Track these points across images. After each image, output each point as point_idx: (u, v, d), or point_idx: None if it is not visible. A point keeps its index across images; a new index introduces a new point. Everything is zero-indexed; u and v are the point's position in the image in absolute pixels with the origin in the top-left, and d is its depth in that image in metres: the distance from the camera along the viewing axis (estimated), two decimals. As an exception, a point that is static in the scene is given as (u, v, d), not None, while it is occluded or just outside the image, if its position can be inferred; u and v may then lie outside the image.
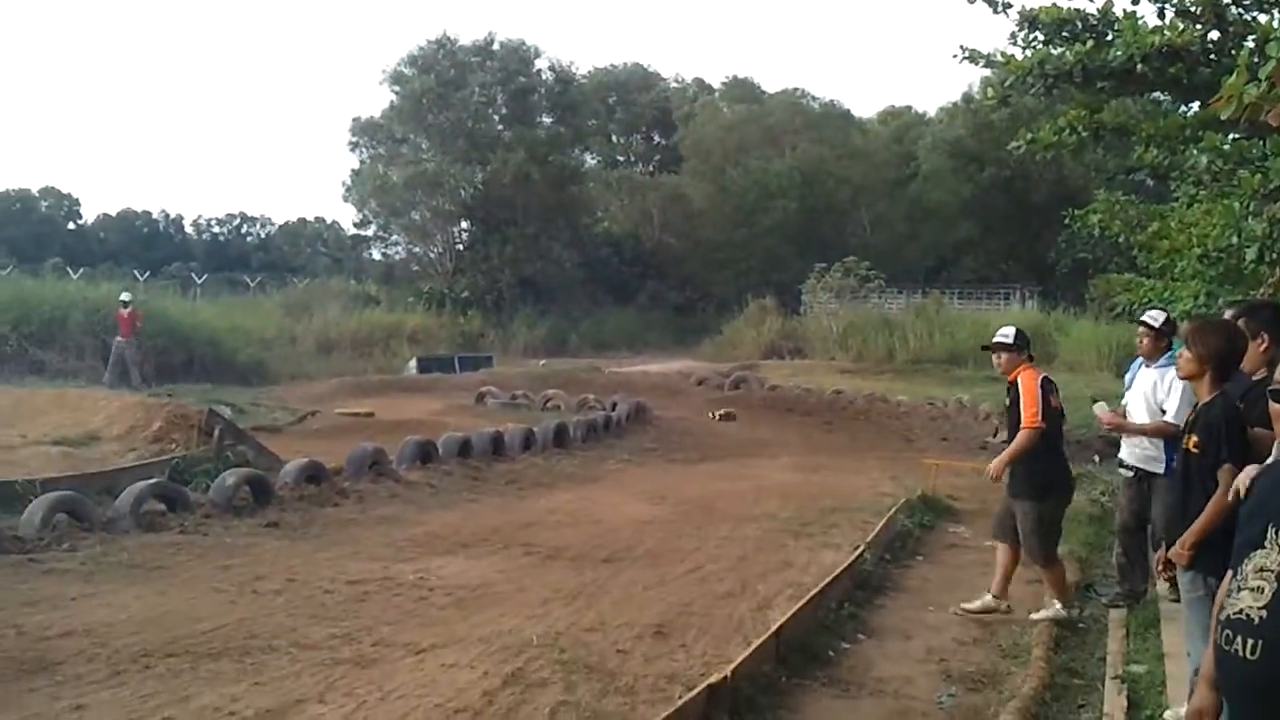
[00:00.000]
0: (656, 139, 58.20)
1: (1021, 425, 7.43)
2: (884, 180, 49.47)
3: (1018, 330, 7.84)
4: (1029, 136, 10.10)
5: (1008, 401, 7.79)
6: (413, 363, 31.23)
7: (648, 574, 8.92)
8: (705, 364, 31.88)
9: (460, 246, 45.63)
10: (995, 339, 7.80)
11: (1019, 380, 7.57)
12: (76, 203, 66.11)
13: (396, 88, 44.67)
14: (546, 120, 47.30)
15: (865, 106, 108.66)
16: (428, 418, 19.20)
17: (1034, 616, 7.64)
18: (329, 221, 64.37)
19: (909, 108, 57.67)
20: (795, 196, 45.89)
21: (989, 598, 7.91)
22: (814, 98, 53.48)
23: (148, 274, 42.26)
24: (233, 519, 10.24)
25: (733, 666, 5.66)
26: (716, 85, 57.88)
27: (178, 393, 20.12)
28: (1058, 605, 7.64)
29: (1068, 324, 32.29)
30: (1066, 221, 15.74)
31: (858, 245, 41.25)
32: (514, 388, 24.66)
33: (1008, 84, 9.34)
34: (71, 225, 64.61)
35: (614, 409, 20.15)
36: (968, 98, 47.38)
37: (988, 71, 10.31)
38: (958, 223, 47.22)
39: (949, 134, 48.62)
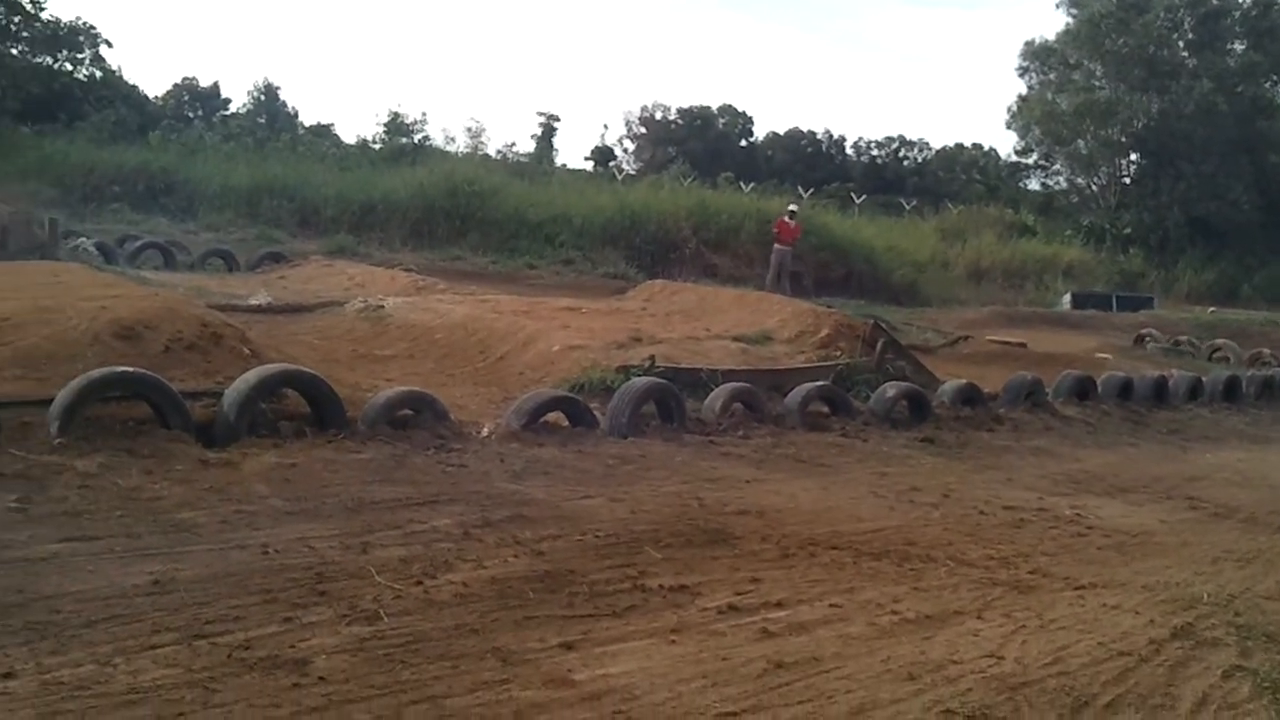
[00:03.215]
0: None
1: None
2: None
3: None
4: None
5: None
6: (1067, 297, 30.31)
7: (1334, 549, 8.00)
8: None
9: (1126, 180, 43.33)
10: None
11: None
12: (750, 120, 69.99)
13: (1074, 10, 42.98)
14: (1239, 47, 43.27)
15: None
16: (1081, 354, 18.55)
17: None
18: (985, 148, 63.59)
19: None
20: None
21: None
22: None
23: (810, 191, 44.15)
24: (889, 429, 10.52)
25: None
26: None
27: (835, 305, 20.97)
28: None
29: None
30: None
31: None
32: (1176, 332, 23.22)
33: None
34: (743, 142, 68.69)
35: (1294, 366, 18.31)
36: None
37: None
38: None
39: None
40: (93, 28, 39.19)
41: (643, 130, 67.31)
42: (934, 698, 4.46)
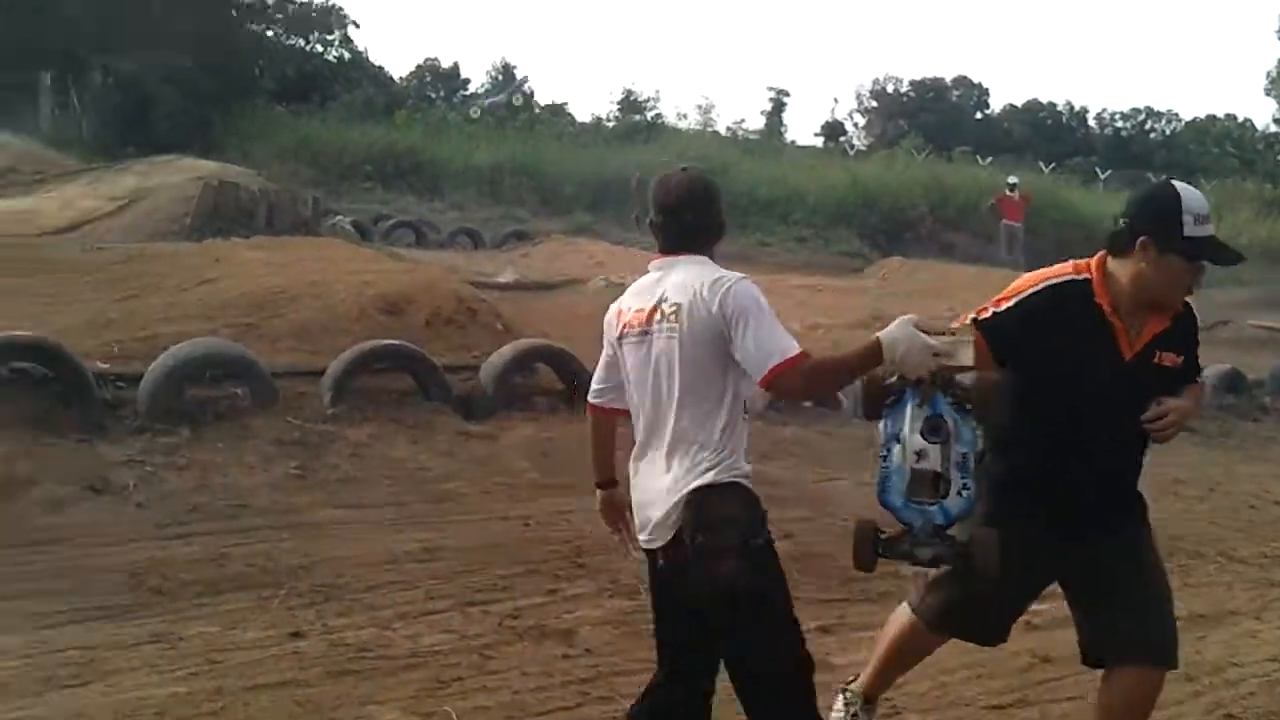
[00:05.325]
0: None
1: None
2: None
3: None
4: None
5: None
6: (1339, 278, 28.26)
7: None
8: None
9: (1406, 151, 40.08)
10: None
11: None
12: (986, 92, 67.66)
13: (1347, -32, 39.92)
14: None
15: None
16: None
17: None
18: (1240, 119, 59.76)
19: None
20: None
21: None
22: None
23: (1051, 165, 42.42)
24: (1146, 417, 10.06)
25: None
26: None
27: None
28: None
29: None
30: None
31: None
32: None
33: None
34: (979, 115, 66.57)
35: None
36: None
37: None
38: None
39: None
40: (341, 9, 40.87)
41: (873, 104, 66.02)
42: (1214, 700, 4.28)
